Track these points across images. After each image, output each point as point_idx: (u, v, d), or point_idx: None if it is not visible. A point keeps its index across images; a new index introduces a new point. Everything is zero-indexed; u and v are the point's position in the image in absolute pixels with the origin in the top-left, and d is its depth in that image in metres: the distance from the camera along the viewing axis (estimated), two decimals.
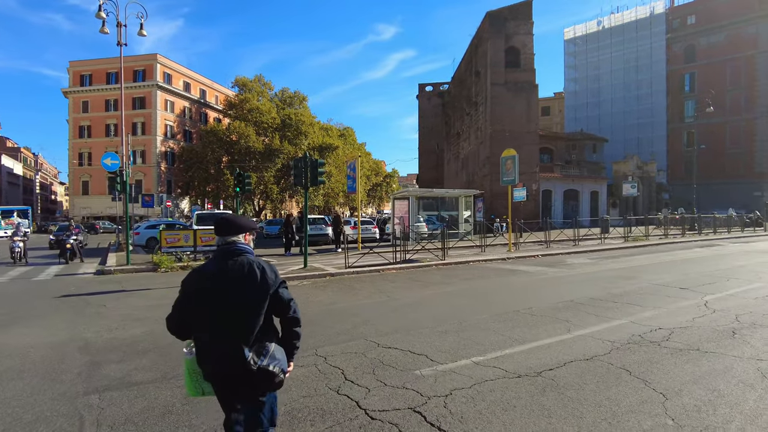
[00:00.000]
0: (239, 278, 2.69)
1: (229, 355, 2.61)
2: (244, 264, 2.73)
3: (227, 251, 2.79)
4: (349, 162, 21.66)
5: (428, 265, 14.62)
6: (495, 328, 6.83)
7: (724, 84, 60.60)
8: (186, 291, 2.73)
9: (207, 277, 2.71)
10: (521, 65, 38.38)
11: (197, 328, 2.72)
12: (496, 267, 14.37)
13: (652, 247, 20.49)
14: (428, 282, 11.49)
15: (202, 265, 2.82)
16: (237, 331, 2.64)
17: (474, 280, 11.63)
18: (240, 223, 2.87)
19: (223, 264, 2.73)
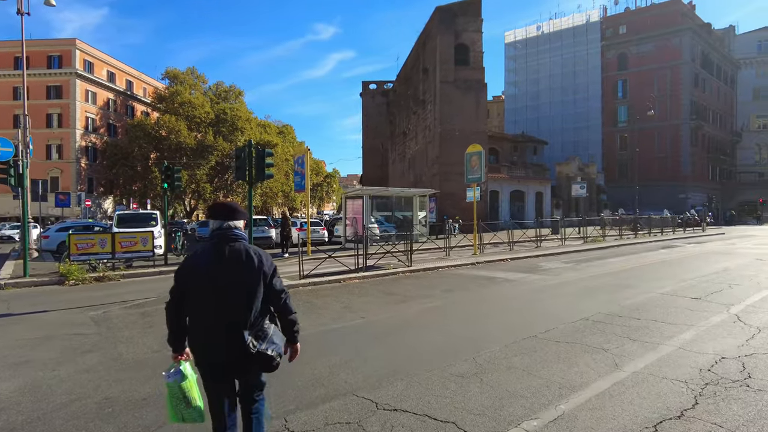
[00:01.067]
0: (238, 263, 2.73)
1: (227, 337, 2.65)
2: (241, 250, 2.78)
3: (225, 236, 2.79)
4: (296, 156, 19.49)
5: (394, 273, 12.83)
6: (523, 366, 5.13)
7: (653, 91, 63.53)
8: (182, 276, 2.75)
9: (204, 261, 2.73)
10: (470, 63, 37.62)
11: (194, 312, 2.73)
12: (470, 274, 12.81)
13: (614, 249, 19.90)
14: (403, 295, 9.68)
15: (197, 250, 2.84)
16: (236, 314, 2.68)
17: (456, 292, 9.95)
18: (240, 209, 2.91)
19: (221, 249, 2.75)
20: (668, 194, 60.82)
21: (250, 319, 2.69)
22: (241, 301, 2.68)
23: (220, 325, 2.65)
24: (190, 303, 2.72)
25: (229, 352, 2.64)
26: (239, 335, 2.63)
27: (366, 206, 20.79)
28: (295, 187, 19.70)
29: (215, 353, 2.67)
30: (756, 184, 72.69)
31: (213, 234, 2.83)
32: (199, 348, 2.73)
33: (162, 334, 7.09)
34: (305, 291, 10.40)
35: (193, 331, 2.74)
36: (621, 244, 21.78)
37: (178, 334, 2.80)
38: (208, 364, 2.72)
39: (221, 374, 2.75)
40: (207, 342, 2.68)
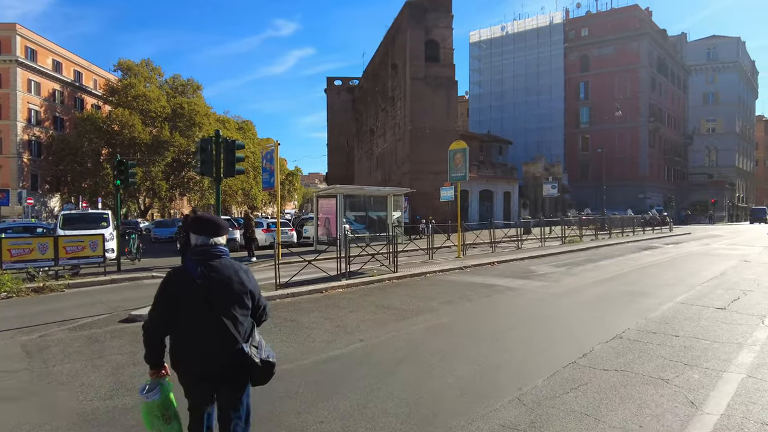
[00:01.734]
0: (229, 279, 2.72)
1: (223, 352, 2.63)
2: (228, 266, 2.77)
3: (211, 253, 2.78)
4: (264, 151, 17.98)
5: (380, 280, 11.67)
6: (583, 408, 4.11)
7: (614, 93, 64.93)
8: (167, 291, 2.70)
9: (194, 278, 2.68)
10: (441, 60, 36.87)
11: (181, 329, 2.67)
12: (464, 281, 11.80)
13: (595, 250, 19.45)
14: (400, 309, 8.54)
15: (182, 267, 2.80)
16: (231, 329, 2.66)
17: (458, 304, 8.90)
18: (225, 225, 2.89)
19: (208, 265, 2.72)
20: (628, 194, 62.29)
21: (246, 333, 2.74)
22: (237, 315, 2.71)
23: (208, 339, 2.64)
24: (174, 317, 2.67)
25: (222, 365, 2.65)
26: (240, 348, 2.66)
27: (340, 206, 19.53)
28: (264, 185, 18.21)
29: (207, 367, 2.66)
30: (706, 185, 75.82)
31: (197, 250, 2.79)
32: (186, 361, 2.69)
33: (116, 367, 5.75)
34: (285, 304, 9.09)
35: (178, 347, 2.68)
36: (600, 245, 21.41)
37: (159, 350, 2.77)
38: (198, 380, 2.70)
39: (208, 387, 2.74)
40: (195, 355, 2.65)
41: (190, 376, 2.70)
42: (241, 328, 2.70)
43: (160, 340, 2.75)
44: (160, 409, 2.73)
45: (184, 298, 2.66)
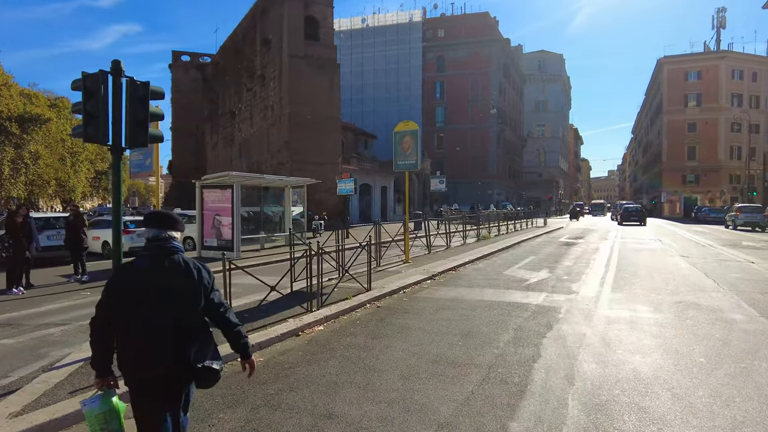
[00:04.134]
0: (177, 277, 2.59)
1: (165, 354, 2.49)
2: (180, 262, 2.64)
3: (162, 247, 2.64)
4: None
5: (360, 305, 8.18)
6: None
7: (467, 94, 68.28)
8: (114, 289, 2.59)
9: (141, 274, 2.58)
10: (321, 39, 33.38)
11: (127, 327, 2.54)
12: (469, 299, 8.91)
13: (527, 244, 18.19)
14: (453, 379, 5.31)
15: (131, 262, 2.69)
16: (177, 329, 2.53)
17: (525, 348, 5.98)
18: (177, 218, 2.76)
19: (158, 261, 2.60)
20: (479, 190, 65.95)
21: (192, 333, 2.57)
22: (183, 314, 2.57)
23: (160, 341, 2.50)
24: (122, 317, 2.53)
25: (172, 368, 2.52)
26: (181, 350, 2.50)
27: (236, 199, 15.05)
28: (132, 170, 12.99)
29: (154, 369, 2.50)
30: (537, 183, 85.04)
31: (149, 245, 2.67)
32: (132, 365, 2.55)
33: None
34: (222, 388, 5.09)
35: (125, 347, 2.56)
36: (521, 240, 20.42)
37: (104, 355, 2.59)
38: (141, 382, 2.56)
39: (159, 392, 2.56)
40: (143, 358, 2.51)
41: (131, 382, 2.59)
42: (187, 328, 2.56)
43: (102, 343, 2.57)
44: (99, 423, 2.54)
45: (126, 296, 2.54)
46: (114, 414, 2.59)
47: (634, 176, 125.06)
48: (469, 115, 69.31)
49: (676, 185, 70.70)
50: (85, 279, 11.27)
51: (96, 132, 5.46)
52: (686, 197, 70.28)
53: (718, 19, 77.11)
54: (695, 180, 69.45)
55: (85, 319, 7.70)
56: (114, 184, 5.68)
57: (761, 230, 29.63)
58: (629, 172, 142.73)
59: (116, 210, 5.63)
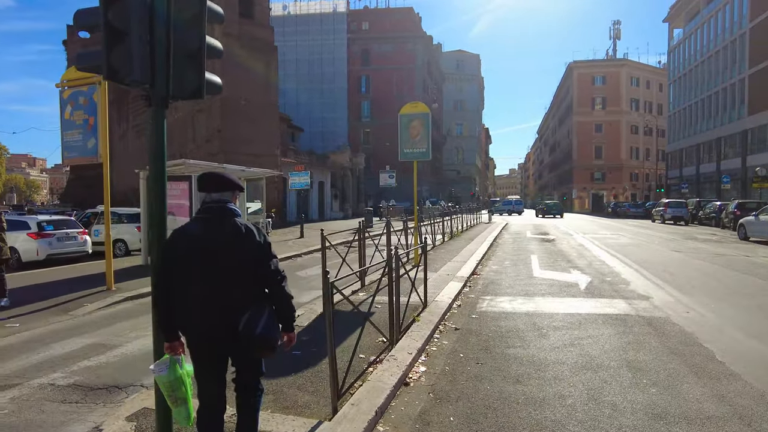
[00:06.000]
0: (234, 240, 2.55)
1: (222, 318, 2.50)
2: (237, 225, 2.58)
3: (218, 210, 2.60)
4: (70, 89, 9.61)
5: (435, 328, 6.27)
6: None
7: (393, 90, 67.34)
8: (171, 254, 2.58)
9: (195, 237, 2.55)
10: (256, 18, 30.26)
11: (185, 290, 2.54)
12: (536, 312, 7.34)
13: (503, 243, 17.11)
14: None
15: (186, 225, 2.68)
16: (232, 294, 2.53)
17: None
18: (233, 179, 2.72)
19: (214, 224, 2.57)
20: (407, 186, 65.47)
21: (247, 300, 2.56)
22: (238, 279, 2.55)
23: (216, 305, 2.51)
24: (179, 280, 2.54)
25: (222, 331, 2.51)
26: (235, 315, 2.50)
27: (194, 193, 12.25)
28: (68, 154, 9.81)
29: (209, 333, 2.54)
30: (456, 180, 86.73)
31: (206, 207, 2.64)
32: (191, 328, 2.59)
33: None
34: None
35: (184, 309, 2.55)
36: (494, 238, 19.33)
37: (168, 316, 2.58)
38: (200, 344, 2.60)
39: (215, 355, 2.62)
40: (200, 322, 2.53)
41: (192, 344, 2.61)
42: (242, 294, 2.54)
43: (165, 307, 2.58)
44: (167, 389, 2.59)
45: (180, 261, 2.53)
46: (180, 382, 2.62)
47: (539, 174, 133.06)
48: (395, 110, 68.02)
49: (585, 182, 75.53)
50: (3, 303, 8.10)
51: (126, 62, 3.05)
52: (594, 193, 75.43)
53: (614, 30, 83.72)
54: (602, 177, 74.60)
55: (34, 371, 5.01)
56: (154, 151, 3.22)
57: (685, 224, 31.59)
58: (533, 170, 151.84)
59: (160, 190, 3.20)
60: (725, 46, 41.36)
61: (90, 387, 4.68)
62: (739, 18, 38.93)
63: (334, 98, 64.27)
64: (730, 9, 40.57)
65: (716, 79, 43.30)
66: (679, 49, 53.27)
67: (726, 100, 41.49)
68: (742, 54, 38.44)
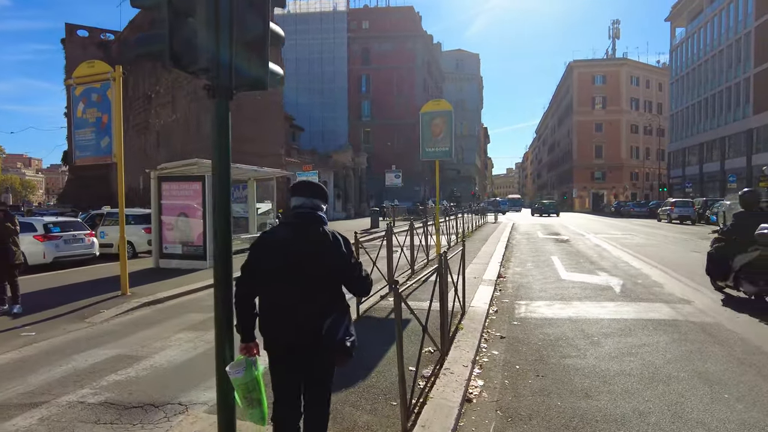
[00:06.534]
0: (322, 246, 2.58)
1: (305, 322, 2.52)
2: (326, 232, 2.62)
3: (309, 216, 2.63)
4: (83, 86, 9.22)
5: (480, 338, 5.92)
6: None
7: (393, 89, 66.96)
8: (258, 255, 2.59)
9: (284, 242, 2.58)
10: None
11: (269, 292, 2.57)
12: (580, 318, 6.99)
13: (517, 244, 16.78)
14: None
15: (274, 229, 2.76)
16: (315, 299, 2.54)
17: None
18: (324, 189, 2.77)
19: (302, 230, 2.60)
20: (407, 186, 65.17)
21: (330, 306, 2.58)
22: (323, 286, 2.58)
23: (301, 310, 2.53)
24: (263, 283, 2.56)
25: (306, 336, 2.52)
26: (319, 321, 2.52)
27: (209, 195, 11.86)
28: (79, 153, 9.40)
29: (292, 337, 2.54)
30: (456, 179, 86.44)
31: (295, 212, 2.67)
32: (272, 330, 2.59)
33: None
34: None
35: (265, 314, 2.59)
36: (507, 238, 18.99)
37: (248, 318, 2.61)
38: (280, 347, 2.61)
39: (294, 360, 2.61)
40: (284, 325, 2.54)
41: (271, 347, 2.62)
42: (325, 299, 2.57)
43: (247, 306, 2.60)
44: (243, 390, 2.59)
45: (267, 264, 2.54)
46: (256, 384, 2.63)
47: (537, 173, 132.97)
48: (395, 110, 67.94)
49: (585, 181, 75.37)
50: (16, 310, 7.70)
51: (190, 48, 2.70)
52: (594, 192, 75.29)
53: (613, 30, 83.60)
54: (602, 177, 74.45)
55: (60, 387, 4.63)
56: (218, 149, 2.85)
57: (692, 223, 31.35)
58: (531, 170, 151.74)
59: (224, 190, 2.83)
60: (729, 44, 41.21)
61: (123, 405, 4.31)
62: (744, 16, 38.78)
63: (334, 98, 63.86)
64: (735, 8, 40.41)
65: (720, 78, 43.16)
66: (681, 48, 53.13)
67: (730, 99, 41.34)
68: (747, 52, 38.29)
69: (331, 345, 2.49)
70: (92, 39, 46.75)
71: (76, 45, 46.34)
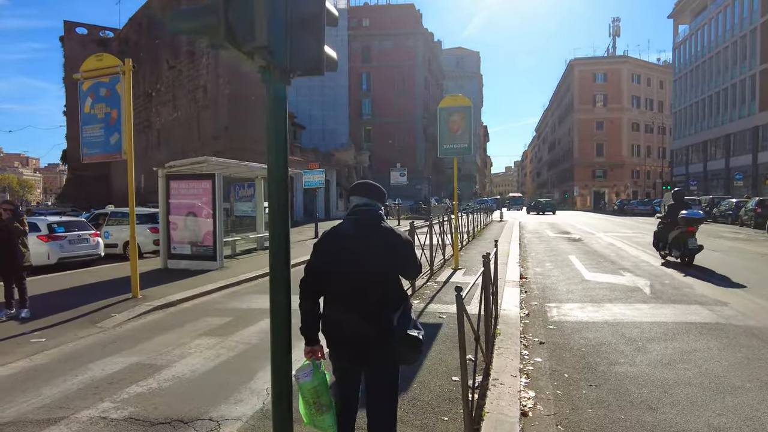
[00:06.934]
0: (382, 244, 2.57)
1: (371, 318, 2.47)
2: (386, 228, 2.63)
3: (370, 212, 2.65)
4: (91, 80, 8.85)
5: (516, 343, 5.60)
6: None
7: (394, 87, 66.55)
8: (321, 253, 2.58)
9: (347, 239, 2.58)
10: None
11: (330, 292, 2.58)
12: (617, 322, 6.69)
13: (528, 243, 16.46)
14: None
15: (337, 227, 2.69)
16: (381, 295, 2.53)
17: None
18: (382, 190, 2.78)
19: (364, 227, 2.60)
20: (408, 184, 64.83)
21: (395, 301, 2.57)
22: (387, 281, 2.58)
23: (367, 305, 2.49)
24: (327, 281, 2.55)
25: (377, 332, 2.47)
26: (385, 316, 2.49)
27: (219, 193, 11.43)
28: (87, 150, 9.03)
29: (360, 333, 2.48)
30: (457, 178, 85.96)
31: (356, 210, 2.67)
32: (335, 330, 2.55)
33: None
34: None
35: (330, 311, 2.57)
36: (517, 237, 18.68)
37: (314, 320, 2.57)
38: (344, 346, 2.56)
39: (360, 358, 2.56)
40: (351, 321, 2.48)
41: (334, 344, 2.57)
42: (390, 295, 2.57)
43: (311, 309, 2.56)
44: (312, 395, 2.49)
45: (331, 261, 2.53)
46: (325, 387, 2.54)
47: (537, 172, 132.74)
48: (395, 108, 67.50)
49: (586, 180, 75.08)
50: (24, 314, 7.35)
51: (246, 23, 2.35)
52: (596, 191, 75.03)
53: (614, 27, 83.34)
54: (603, 175, 74.16)
55: (78, 400, 4.28)
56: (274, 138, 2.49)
57: None
58: (531, 168, 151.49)
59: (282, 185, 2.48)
60: (735, 41, 40.93)
61: (150, 421, 3.97)
62: (749, 13, 38.49)
63: (334, 96, 63.49)
64: (740, 4, 40.12)
65: (725, 75, 42.90)
66: (684, 45, 52.85)
67: (735, 96, 41.08)
68: (753, 49, 38.01)
69: (400, 339, 2.44)
70: (91, 36, 46.27)
71: (75, 43, 45.87)
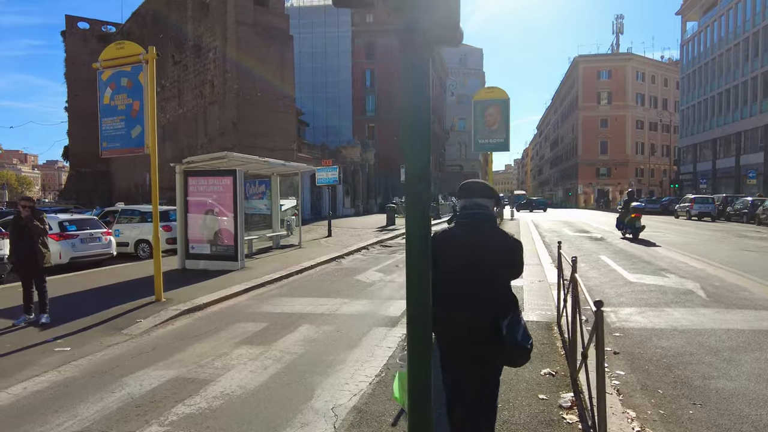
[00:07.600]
0: (493, 246, 2.56)
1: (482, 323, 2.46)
2: (498, 231, 2.63)
3: (482, 216, 2.62)
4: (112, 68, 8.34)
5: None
6: None
7: (398, 84, 65.92)
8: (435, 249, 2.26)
9: (458, 241, 2.58)
10: (271, 6, 28.88)
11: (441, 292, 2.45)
12: (686, 329, 6.22)
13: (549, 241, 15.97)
14: None
15: (450, 230, 2.70)
16: (493, 300, 2.50)
17: None
18: (489, 188, 2.73)
19: (475, 229, 2.58)
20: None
21: (506, 306, 2.53)
22: (498, 285, 2.55)
23: (480, 309, 2.47)
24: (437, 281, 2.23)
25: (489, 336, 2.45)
26: (494, 320, 2.45)
27: (240, 190, 10.91)
28: (108, 144, 8.52)
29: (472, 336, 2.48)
30: (458, 176, 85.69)
31: (466, 212, 2.65)
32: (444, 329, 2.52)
33: None
34: None
35: (440, 311, 2.40)
36: (535, 236, 18.22)
37: None
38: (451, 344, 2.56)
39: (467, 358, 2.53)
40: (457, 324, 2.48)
41: (442, 341, 2.59)
42: (500, 299, 2.53)
43: None
44: None
45: (442, 262, 2.47)
46: None
47: (539, 170, 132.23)
48: (399, 105, 66.73)
49: (590, 178, 74.65)
50: (44, 320, 6.84)
51: None
52: (599, 189, 74.58)
53: (617, 25, 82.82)
54: (607, 173, 73.72)
55: (121, 422, 3.76)
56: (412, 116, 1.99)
57: (711, 220, 30.64)
58: (532, 166, 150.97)
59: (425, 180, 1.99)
60: (746, 38, 40.44)
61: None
62: (762, 8, 37.99)
63: (338, 92, 62.98)
64: (751, 1, 39.63)
65: (735, 72, 42.41)
66: (693, 42, 52.35)
67: (747, 94, 40.60)
68: (765, 46, 37.54)
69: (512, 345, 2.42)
70: (93, 31, 45.59)
71: (77, 38, 45.19)
